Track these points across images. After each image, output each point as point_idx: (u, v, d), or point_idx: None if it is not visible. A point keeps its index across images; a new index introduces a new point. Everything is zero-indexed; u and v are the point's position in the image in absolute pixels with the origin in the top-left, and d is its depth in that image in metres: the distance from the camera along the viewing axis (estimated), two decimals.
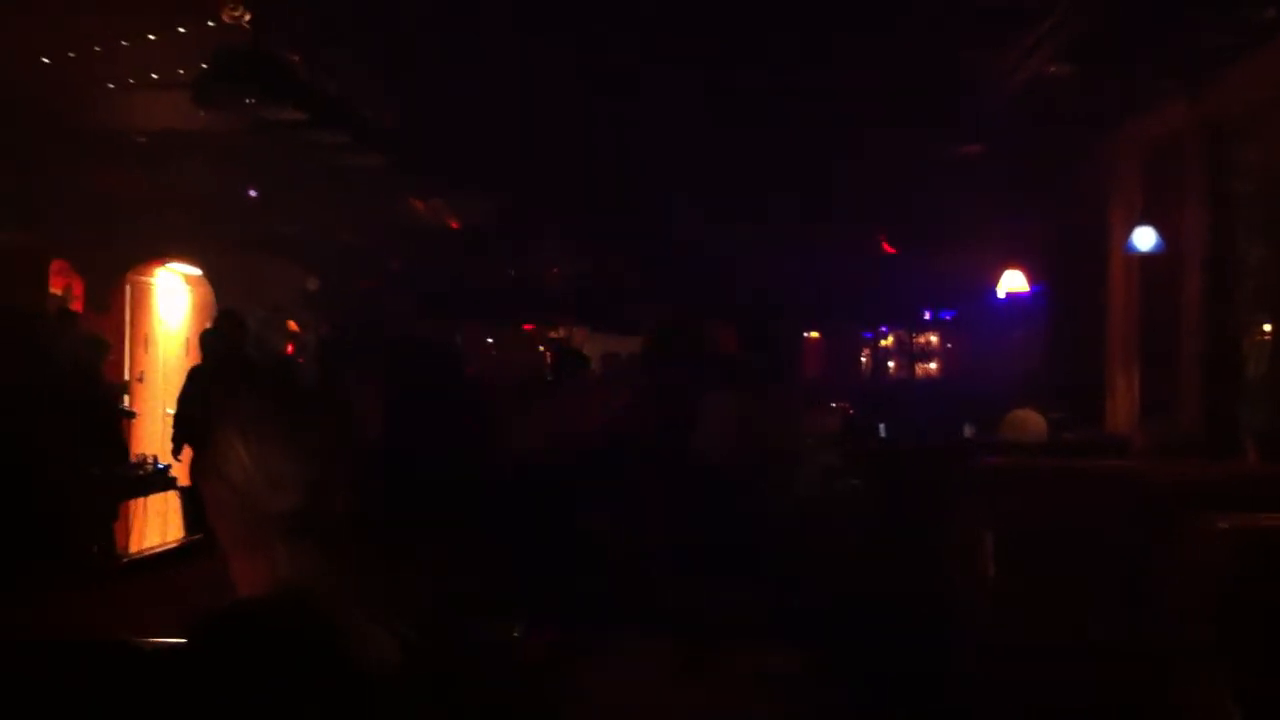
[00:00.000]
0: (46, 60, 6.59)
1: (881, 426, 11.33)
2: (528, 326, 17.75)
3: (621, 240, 13.96)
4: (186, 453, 8.10)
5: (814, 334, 19.22)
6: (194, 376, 8.44)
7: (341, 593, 1.64)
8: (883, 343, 18.78)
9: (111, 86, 7.33)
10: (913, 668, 5.22)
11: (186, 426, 8.08)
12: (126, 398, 9.25)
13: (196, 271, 12.25)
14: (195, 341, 10.50)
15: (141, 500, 8.53)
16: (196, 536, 6.62)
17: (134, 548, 8.41)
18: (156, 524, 8.08)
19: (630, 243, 14.05)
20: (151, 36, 6.37)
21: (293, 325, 12.20)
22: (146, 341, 11.80)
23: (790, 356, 16.57)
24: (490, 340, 17.06)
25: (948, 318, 16.31)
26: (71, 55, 6.54)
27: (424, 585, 1.89)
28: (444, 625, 1.84)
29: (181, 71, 6.85)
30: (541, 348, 16.94)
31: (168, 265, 12.05)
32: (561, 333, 16.79)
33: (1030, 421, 6.63)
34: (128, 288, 11.53)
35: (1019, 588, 4.74)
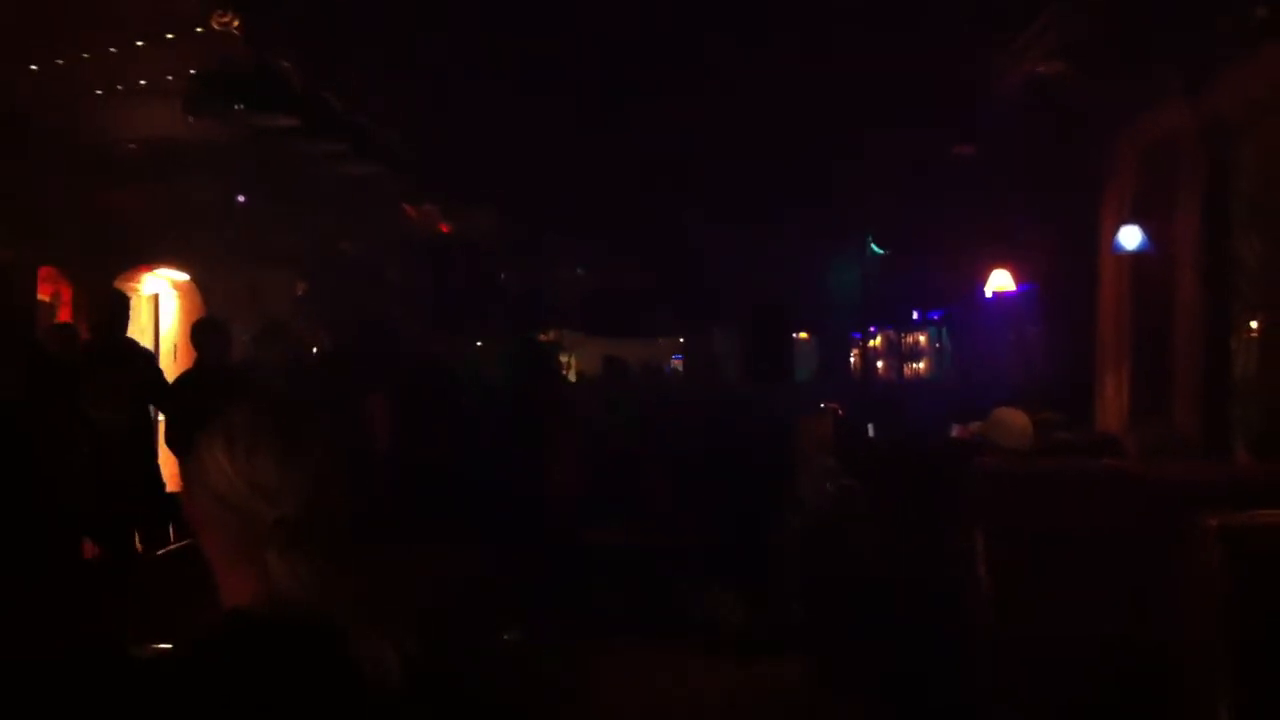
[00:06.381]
0: (34, 67, 6.56)
1: (870, 427, 11.34)
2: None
3: (618, 245, 13.96)
4: None
5: (804, 334, 19.24)
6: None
7: (339, 602, 1.63)
8: (871, 343, 18.74)
9: (100, 93, 7.30)
10: (910, 668, 5.21)
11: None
12: None
13: (185, 278, 12.21)
14: (183, 346, 10.43)
15: None
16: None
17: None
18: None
19: (627, 247, 14.05)
20: (140, 43, 6.36)
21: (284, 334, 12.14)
22: None
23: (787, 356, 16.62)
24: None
25: (936, 318, 16.29)
26: (59, 62, 6.51)
27: (424, 593, 1.88)
28: (444, 633, 1.83)
29: (170, 78, 6.84)
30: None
31: (156, 271, 12.01)
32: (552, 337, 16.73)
33: (1013, 420, 6.54)
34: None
35: (1011, 588, 4.74)
